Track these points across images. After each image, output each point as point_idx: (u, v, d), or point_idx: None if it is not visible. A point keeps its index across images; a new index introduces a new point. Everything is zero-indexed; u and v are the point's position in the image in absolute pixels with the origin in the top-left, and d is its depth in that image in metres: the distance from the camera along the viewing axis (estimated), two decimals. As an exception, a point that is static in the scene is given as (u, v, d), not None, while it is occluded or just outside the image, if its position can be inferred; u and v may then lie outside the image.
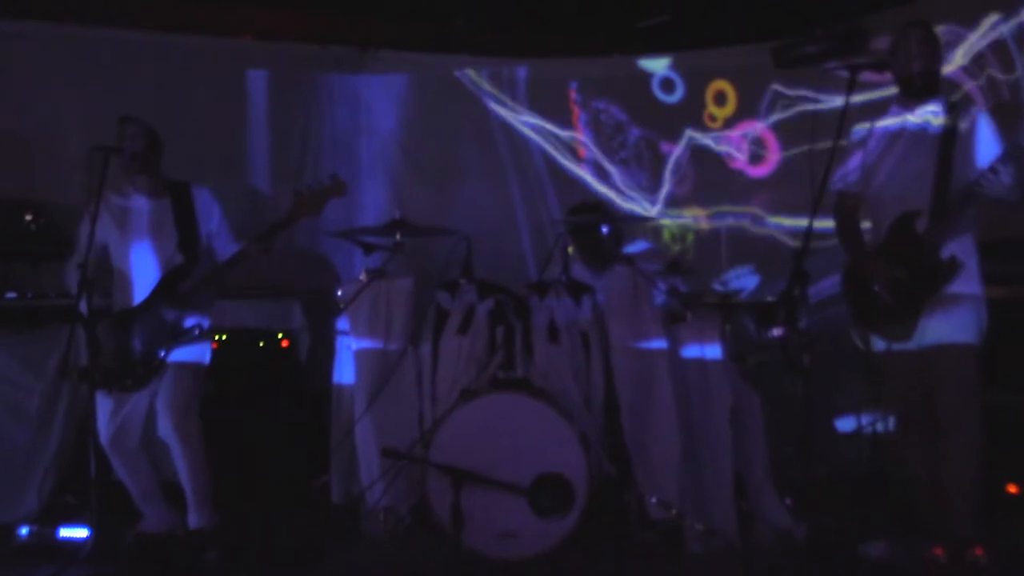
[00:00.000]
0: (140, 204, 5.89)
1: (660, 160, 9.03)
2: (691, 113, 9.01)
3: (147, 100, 6.73)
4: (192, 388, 5.81)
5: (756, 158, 8.89)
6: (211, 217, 5.96)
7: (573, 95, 9.12)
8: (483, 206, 8.81)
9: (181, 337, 5.74)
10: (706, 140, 8.96)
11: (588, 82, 9.08)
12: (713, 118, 8.97)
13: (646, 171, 9.05)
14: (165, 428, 5.77)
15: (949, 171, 5.16)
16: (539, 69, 9.12)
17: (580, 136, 9.06)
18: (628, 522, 5.69)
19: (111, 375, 5.70)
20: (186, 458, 5.75)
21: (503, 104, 9.05)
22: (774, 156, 8.82)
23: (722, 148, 8.93)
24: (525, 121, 9.05)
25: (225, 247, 5.91)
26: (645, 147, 9.06)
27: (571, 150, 9.07)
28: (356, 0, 8.65)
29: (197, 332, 5.77)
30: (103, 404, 5.76)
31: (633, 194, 9.01)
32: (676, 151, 8.98)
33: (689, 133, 8.96)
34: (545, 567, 5.31)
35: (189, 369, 5.79)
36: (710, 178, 8.97)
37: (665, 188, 9.01)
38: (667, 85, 9.05)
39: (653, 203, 8.99)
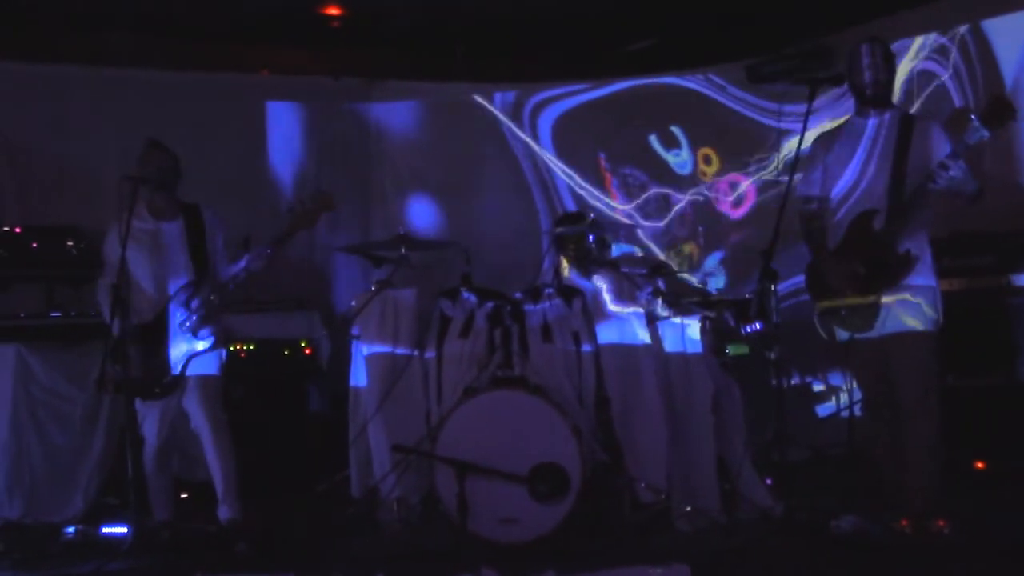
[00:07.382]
0: (158, 226, 5.82)
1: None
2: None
3: (177, 132, 6.63)
4: (216, 388, 5.81)
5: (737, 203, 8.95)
6: (216, 236, 5.92)
7: (603, 162, 9.13)
8: (485, 219, 8.81)
9: (199, 346, 5.71)
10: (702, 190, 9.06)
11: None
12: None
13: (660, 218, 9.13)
14: (199, 422, 5.74)
15: (903, 174, 5.15)
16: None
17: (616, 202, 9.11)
18: (620, 505, 5.62)
19: (142, 386, 5.66)
20: (218, 450, 5.72)
21: (513, 127, 9.05)
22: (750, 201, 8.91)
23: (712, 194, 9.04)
24: (528, 144, 9.06)
25: (224, 264, 5.87)
26: (661, 199, 9.08)
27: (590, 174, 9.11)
28: (363, 35, 8.63)
29: (212, 341, 5.73)
30: (150, 411, 5.76)
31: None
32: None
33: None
34: (544, 549, 5.24)
35: (211, 376, 5.80)
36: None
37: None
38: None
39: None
